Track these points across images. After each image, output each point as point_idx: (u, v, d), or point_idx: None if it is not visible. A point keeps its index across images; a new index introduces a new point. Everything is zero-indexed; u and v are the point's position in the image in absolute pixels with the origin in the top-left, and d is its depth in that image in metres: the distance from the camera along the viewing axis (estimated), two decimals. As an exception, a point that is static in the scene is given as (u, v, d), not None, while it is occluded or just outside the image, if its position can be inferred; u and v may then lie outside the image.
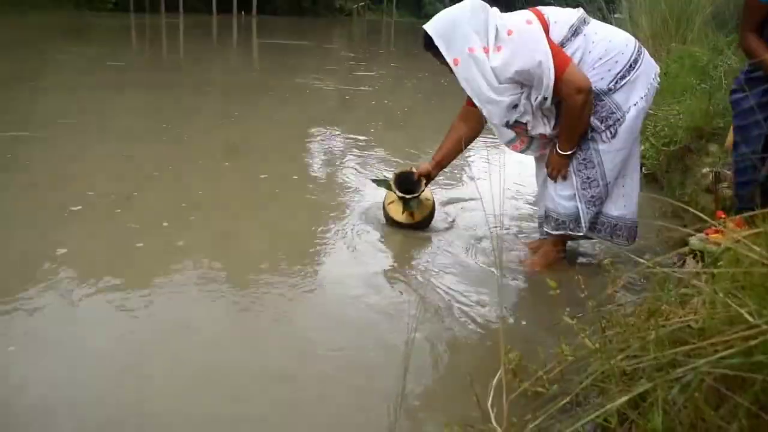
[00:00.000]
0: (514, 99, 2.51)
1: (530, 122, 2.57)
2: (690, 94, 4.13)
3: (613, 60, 2.48)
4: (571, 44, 2.48)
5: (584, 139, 2.55)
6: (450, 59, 2.51)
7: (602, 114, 2.51)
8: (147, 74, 8.99)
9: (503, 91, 2.50)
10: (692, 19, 6.27)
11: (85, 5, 25.21)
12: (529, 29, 2.44)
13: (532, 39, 2.42)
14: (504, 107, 2.53)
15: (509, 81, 2.48)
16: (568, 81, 2.41)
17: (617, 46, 2.50)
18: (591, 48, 2.49)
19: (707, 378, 1.12)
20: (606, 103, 2.50)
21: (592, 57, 2.49)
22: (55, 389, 1.84)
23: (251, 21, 27.51)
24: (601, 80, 2.49)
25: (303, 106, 7.13)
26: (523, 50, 2.42)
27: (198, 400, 1.84)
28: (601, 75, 2.48)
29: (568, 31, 2.49)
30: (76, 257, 2.69)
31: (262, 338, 2.23)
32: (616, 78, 2.48)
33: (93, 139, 4.87)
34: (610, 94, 2.50)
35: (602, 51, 2.49)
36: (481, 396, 1.65)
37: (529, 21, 2.47)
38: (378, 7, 44.78)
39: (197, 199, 3.57)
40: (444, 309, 2.43)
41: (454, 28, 2.50)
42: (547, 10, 2.55)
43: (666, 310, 1.42)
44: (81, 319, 2.25)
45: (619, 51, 2.49)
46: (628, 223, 2.68)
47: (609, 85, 2.49)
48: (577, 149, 2.57)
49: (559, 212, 2.66)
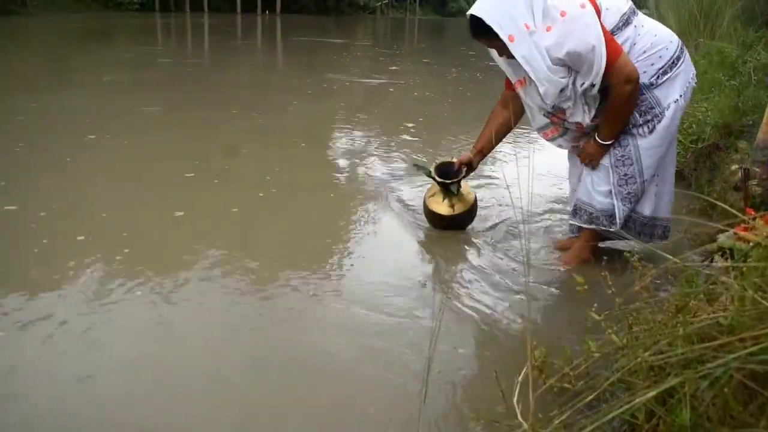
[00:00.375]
0: (563, 82, 2.44)
1: (570, 109, 2.52)
2: (719, 90, 4.08)
3: (657, 54, 2.46)
4: (621, 34, 2.44)
5: (623, 135, 2.53)
6: (505, 36, 2.38)
7: (642, 108, 2.48)
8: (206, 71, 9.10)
9: (555, 71, 2.43)
10: (721, 14, 6.19)
11: (113, 6, 25.59)
12: (583, 13, 2.35)
13: (586, 23, 2.33)
14: (559, 86, 2.45)
15: (559, 62, 2.40)
16: (619, 69, 2.37)
17: (662, 40, 2.48)
18: (637, 40, 2.46)
19: (736, 374, 1.12)
20: (646, 98, 2.48)
21: (637, 49, 2.46)
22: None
23: (275, 19, 27.63)
24: (643, 74, 2.45)
25: (342, 100, 7.16)
26: (576, 33, 2.33)
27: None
28: (644, 68, 2.46)
29: (619, 20, 2.45)
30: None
31: (286, 333, 2.25)
32: (658, 73, 2.46)
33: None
34: (651, 89, 2.48)
35: (647, 44, 2.46)
36: (507, 392, 1.65)
37: (582, 5, 2.37)
38: (401, 5, 44.77)
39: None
40: (470, 306, 2.44)
41: (504, 6, 2.40)
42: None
43: (694, 307, 1.41)
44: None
45: (663, 46, 2.47)
46: (659, 222, 2.67)
47: (651, 79, 2.47)
48: (616, 145, 2.55)
49: (594, 207, 2.65)
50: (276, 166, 4.34)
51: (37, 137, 4.77)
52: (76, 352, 2.05)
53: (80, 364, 1.98)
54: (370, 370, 2.02)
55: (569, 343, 1.87)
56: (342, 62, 11.91)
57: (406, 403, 1.83)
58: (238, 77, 9.12)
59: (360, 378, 1.98)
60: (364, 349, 2.13)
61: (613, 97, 2.45)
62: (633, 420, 1.33)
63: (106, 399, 1.82)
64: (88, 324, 2.20)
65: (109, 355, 2.04)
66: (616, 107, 2.47)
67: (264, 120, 6.07)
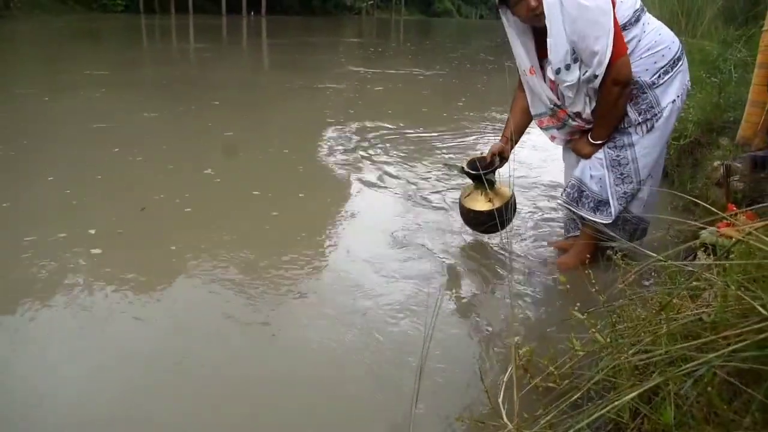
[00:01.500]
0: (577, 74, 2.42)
1: (571, 99, 2.51)
2: (700, 87, 4.10)
3: (660, 53, 2.45)
4: (630, 30, 2.42)
5: (619, 135, 2.52)
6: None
7: (642, 107, 2.48)
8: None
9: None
10: (702, 13, 6.23)
11: (97, 8, 25.48)
12: (601, 0, 2.32)
13: (602, 11, 2.30)
14: (565, 52, 2.40)
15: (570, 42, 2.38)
16: (616, 68, 2.36)
17: (665, 39, 2.47)
18: (642, 36, 2.45)
19: (720, 372, 1.11)
20: (647, 96, 2.47)
21: (641, 46, 2.44)
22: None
23: (261, 21, 27.57)
24: (645, 71, 2.45)
25: (329, 100, 7.15)
26: (590, 16, 2.30)
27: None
28: (647, 66, 2.45)
29: (632, 15, 2.43)
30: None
31: (275, 330, 2.25)
32: (659, 72, 2.45)
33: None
34: (652, 88, 2.46)
35: (651, 42, 2.45)
36: (492, 391, 1.64)
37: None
38: (387, 5, 44.80)
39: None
40: (457, 305, 2.44)
41: None
42: None
43: (677, 304, 1.40)
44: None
45: (666, 45, 2.46)
46: (642, 224, 2.68)
47: (652, 78, 2.45)
48: (612, 146, 2.55)
49: (589, 187, 2.61)
50: (266, 163, 4.31)
51: (23, 138, 4.72)
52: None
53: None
54: (359, 369, 2.01)
55: (555, 342, 1.86)
56: (329, 63, 11.88)
57: (394, 402, 1.83)
58: (225, 78, 9.08)
59: (348, 377, 1.98)
60: (352, 348, 2.12)
61: (602, 96, 2.45)
62: (618, 419, 1.32)
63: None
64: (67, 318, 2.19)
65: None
66: (604, 108, 2.47)
67: (251, 119, 6.05)
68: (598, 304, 1.62)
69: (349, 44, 18.36)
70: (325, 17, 34.18)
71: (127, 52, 12.50)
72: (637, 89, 2.46)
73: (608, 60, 2.33)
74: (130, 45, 14.39)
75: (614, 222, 2.63)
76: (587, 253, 2.67)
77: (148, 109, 6.20)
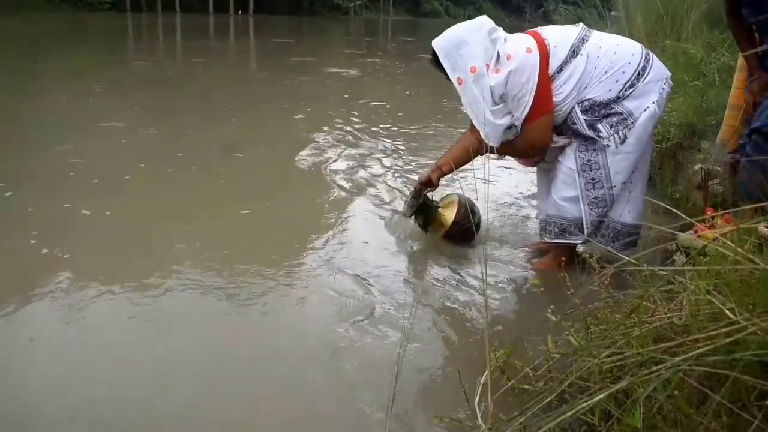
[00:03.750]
0: (509, 120, 2.54)
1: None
2: (683, 91, 4.12)
3: (620, 71, 2.47)
4: (568, 67, 2.48)
5: (590, 141, 2.54)
6: (454, 79, 2.53)
7: (614, 119, 2.49)
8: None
9: (500, 113, 2.53)
10: (687, 16, 6.26)
11: (83, 7, 25.32)
12: (526, 59, 2.45)
13: (526, 73, 2.44)
14: (501, 129, 2.56)
15: (501, 101, 2.51)
16: (530, 130, 2.55)
17: (623, 57, 2.49)
18: (596, 63, 2.48)
19: (689, 375, 1.12)
20: (616, 110, 2.48)
21: (598, 71, 2.48)
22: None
23: (248, 20, 27.49)
24: (609, 91, 2.48)
25: (316, 102, 7.14)
26: (515, 79, 2.45)
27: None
28: (609, 86, 2.48)
29: (567, 53, 2.49)
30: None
31: (257, 333, 2.27)
32: (624, 87, 2.47)
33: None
34: (620, 102, 2.48)
35: (608, 63, 2.48)
36: (470, 393, 1.64)
37: (529, 49, 2.46)
38: (375, 6, 44.80)
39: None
40: (436, 309, 2.44)
41: (460, 46, 2.51)
42: (547, 33, 2.55)
43: (650, 307, 1.41)
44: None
45: (625, 62, 2.48)
46: (632, 230, 2.65)
47: (618, 93, 2.48)
48: (584, 149, 2.55)
49: (564, 217, 2.63)
50: (254, 165, 4.30)
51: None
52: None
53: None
54: (335, 373, 2.01)
55: (532, 344, 1.86)
56: (316, 63, 11.87)
57: (373, 403, 1.83)
58: (212, 79, 9.04)
59: (323, 381, 1.97)
60: (327, 352, 2.12)
61: (514, 143, 2.63)
62: (591, 420, 1.33)
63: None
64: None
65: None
66: (510, 149, 2.69)
67: (238, 122, 6.04)
68: (574, 306, 1.63)
69: (337, 44, 18.34)
70: (313, 17, 34.12)
71: (111, 50, 12.41)
72: (604, 107, 2.49)
73: (524, 118, 2.51)
74: (113, 44, 14.28)
75: (595, 232, 2.63)
76: (564, 255, 2.69)
77: (127, 112, 6.15)
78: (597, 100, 2.48)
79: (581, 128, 2.50)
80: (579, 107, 2.50)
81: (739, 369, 1.00)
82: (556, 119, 2.55)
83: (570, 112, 2.52)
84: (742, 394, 1.08)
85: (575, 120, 2.51)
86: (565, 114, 2.53)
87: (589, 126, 2.49)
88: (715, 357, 1.04)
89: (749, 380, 0.98)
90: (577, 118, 2.50)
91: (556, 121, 2.56)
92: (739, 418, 1.04)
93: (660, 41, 6.25)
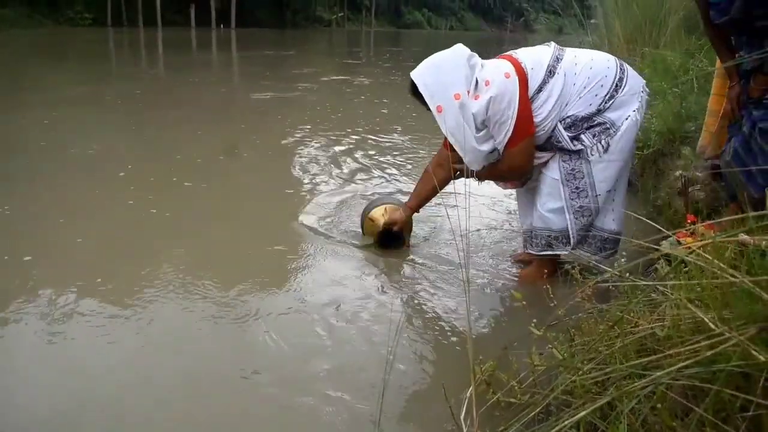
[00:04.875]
0: (491, 146, 2.56)
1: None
2: (662, 98, 4.15)
3: (598, 85, 2.50)
4: (546, 87, 2.50)
5: (573, 151, 2.54)
6: (434, 107, 2.51)
7: (596, 129, 2.51)
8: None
9: (482, 138, 2.54)
10: (665, 23, 6.33)
11: (64, 22, 25.26)
12: (505, 85, 2.46)
13: (507, 98, 2.45)
14: (484, 155, 2.58)
15: (482, 126, 2.52)
16: (511, 155, 2.56)
17: (599, 71, 2.52)
18: (574, 80, 2.51)
19: (673, 387, 1.11)
20: (598, 121, 2.51)
21: (577, 88, 2.51)
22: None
23: (231, 33, 27.48)
24: (590, 105, 2.50)
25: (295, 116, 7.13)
26: (495, 105, 2.45)
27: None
28: (589, 101, 2.50)
29: (545, 75, 2.51)
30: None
31: (245, 350, 2.24)
32: (604, 100, 2.50)
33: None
34: (602, 113, 2.51)
35: (585, 79, 2.51)
36: (456, 409, 1.63)
37: (507, 74, 2.47)
38: (357, 17, 44.97)
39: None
40: (420, 324, 2.43)
41: (439, 75, 2.52)
42: (522, 56, 2.56)
43: (633, 318, 1.41)
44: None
45: (602, 75, 2.51)
46: (617, 236, 2.66)
47: (599, 107, 2.50)
48: (567, 159, 2.56)
49: (550, 228, 2.63)
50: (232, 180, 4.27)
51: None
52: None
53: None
54: (321, 389, 1.99)
55: (518, 356, 1.86)
56: (299, 76, 11.87)
57: (360, 424, 1.82)
58: (191, 94, 9.02)
59: (310, 398, 1.95)
60: (313, 369, 2.10)
61: (496, 166, 2.64)
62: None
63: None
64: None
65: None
66: (492, 173, 2.70)
67: (219, 135, 6.03)
68: (558, 318, 1.63)
69: (320, 58, 18.37)
70: (295, 30, 34.17)
71: (91, 67, 12.35)
72: (586, 120, 2.52)
73: (506, 142, 2.52)
74: (93, 60, 14.20)
75: (581, 242, 2.64)
76: (548, 266, 2.69)
77: (106, 128, 6.11)
78: (579, 116, 2.51)
79: (566, 144, 2.52)
80: (561, 124, 2.52)
81: (721, 380, 0.99)
82: (539, 139, 2.56)
83: (553, 131, 2.54)
84: (726, 404, 1.07)
85: (559, 138, 2.53)
86: (548, 132, 2.54)
87: (573, 139, 2.51)
88: (696, 369, 1.03)
89: (729, 393, 0.98)
90: (561, 135, 2.52)
91: (540, 140, 2.57)
92: (723, 429, 1.04)
93: (639, 48, 6.31)
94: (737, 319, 1.03)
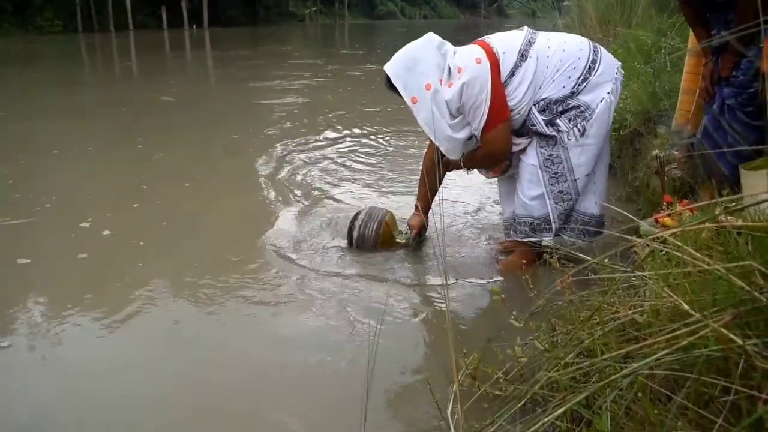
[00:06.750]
0: (468, 132, 2.56)
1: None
2: (636, 77, 4.16)
3: (570, 67, 2.51)
4: (519, 71, 2.51)
5: (550, 137, 2.54)
6: (408, 99, 2.51)
7: (571, 114, 2.51)
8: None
9: (458, 126, 2.54)
10: (636, 3, 6.35)
11: (33, 30, 24.94)
12: (477, 70, 2.46)
13: (479, 83, 2.45)
14: (461, 143, 2.58)
15: (457, 113, 2.52)
16: (490, 140, 2.56)
17: (572, 53, 2.53)
18: (547, 63, 2.51)
19: (653, 378, 1.11)
20: (572, 104, 2.51)
21: (550, 71, 2.52)
22: None
23: (204, 34, 27.25)
24: (563, 88, 2.51)
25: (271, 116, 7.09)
26: (468, 91, 2.45)
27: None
28: (563, 83, 2.51)
29: (517, 58, 2.51)
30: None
31: (229, 353, 2.23)
32: (577, 82, 2.51)
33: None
34: (575, 96, 2.51)
35: (558, 62, 2.51)
36: (443, 404, 1.63)
37: (478, 59, 2.47)
38: (330, 11, 44.78)
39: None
40: (404, 319, 2.41)
41: (412, 66, 2.51)
42: (495, 41, 2.57)
43: (613, 305, 1.40)
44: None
45: (575, 58, 2.52)
46: (600, 219, 2.68)
47: (572, 89, 2.51)
48: (544, 145, 2.57)
49: (532, 215, 2.63)
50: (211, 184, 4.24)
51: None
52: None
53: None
54: (306, 388, 1.98)
55: (502, 348, 1.85)
56: (274, 75, 11.81)
57: (345, 421, 1.78)
58: (166, 96, 8.93)
59: (295, 396, 1.95)
60: (297, 367, 2.09)
61: (476, 151, 2.65)
62: (561, 425, 1.32)
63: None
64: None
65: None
66: (474, 160, 2.72)
67: (193, 138, 5.98)
68: (539, 307, 1.62)
69: (295, 55, 18.27)
70: (269, 26, 33.97)
71: (62, 73, 12.21)
72: (560, 103, 2.52)
73: (482, 128, 2.52)
74: (64, 67, 14.04)
75: (564, 226, 2.64)
76: (528, 254, 2.69)
77: (80, 137, 6.04)
78: (552, 98, 2.51)
79: (541, 128, 2.52)
80: (536, 108, 2.53)
81: (700, 366, 0.99)
82: (515, 123, 2.57)
83: (528, 114, 2.54)
84: (707, 389, 1.07)
85: (534, 122, 2.54)
86: (523, 117, 2.55)
87: (548, 124, 2.52)
88: (676, 356, 1.03)
89: (708, 380, 0.97)
90: (536, 119, 2.53)
91: (515, 125, 2.58)
92: (705, 414, 1.04)
93: (612, 29, 6.33)
94: (713, 304, 1.03)
